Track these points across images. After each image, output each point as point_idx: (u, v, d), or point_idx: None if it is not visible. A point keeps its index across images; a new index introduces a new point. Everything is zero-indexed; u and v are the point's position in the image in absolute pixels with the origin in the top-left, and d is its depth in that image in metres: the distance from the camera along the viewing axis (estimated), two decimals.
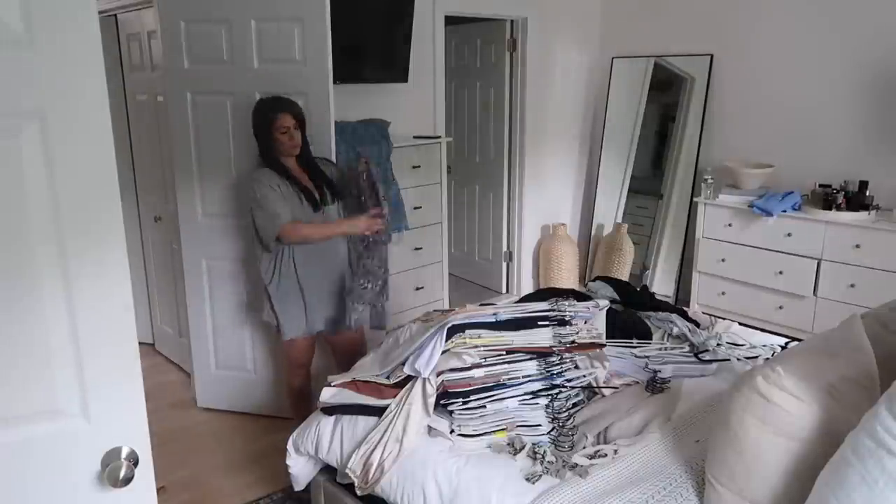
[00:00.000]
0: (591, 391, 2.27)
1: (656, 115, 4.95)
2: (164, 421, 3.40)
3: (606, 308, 2.55)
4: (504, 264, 5.21)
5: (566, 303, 2.30)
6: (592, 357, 2.30)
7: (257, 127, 2.70)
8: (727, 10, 4.46)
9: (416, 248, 3.99)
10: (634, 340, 2.59)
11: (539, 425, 2.06)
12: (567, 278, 4.91)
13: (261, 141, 2.71)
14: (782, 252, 3.99)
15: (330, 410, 2.24)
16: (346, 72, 3.57)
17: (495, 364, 2.10)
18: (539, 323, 2.18)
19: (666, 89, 4.85)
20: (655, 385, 2.30)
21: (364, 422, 2.15)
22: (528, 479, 1.84)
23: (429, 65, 4.22)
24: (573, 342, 2.19)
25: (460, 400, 2.05)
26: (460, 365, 2.06)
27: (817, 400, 1.52)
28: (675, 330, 2.71)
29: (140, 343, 1.17)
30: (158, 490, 1.27)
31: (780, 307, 4.07)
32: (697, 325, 2.84)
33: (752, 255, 4.13)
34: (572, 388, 2.19)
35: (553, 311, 2.25)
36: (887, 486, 1.28)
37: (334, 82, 2.96)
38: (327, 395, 2.25)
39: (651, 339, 2.67)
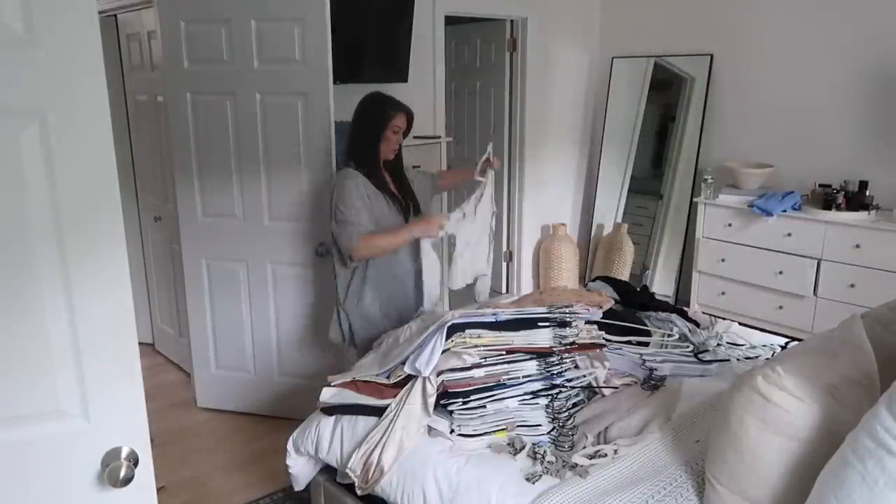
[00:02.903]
0: (591, 391, 2.27)
1: (656, 115, 4.95)
2: (164, 421, 3.40)
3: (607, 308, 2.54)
4: (504, 264, 5.21)
5: (566, 307, 2.30)
6: (592, 357, 2.30)
7: (369, 122, 2.57)
8: (727, 10, 4.46)
9: None
10: (634, 339, 2.58)
11: (539, 425, 2.06)
12: (567, 278, 4.91)
13: (362, 138, 2.57)
14: (782, 252, 3.99)
15: (330, 410, 2.24)
16: (346, 72, 3.57)
17: (495, 364, 2.10)
18: (539, 323, 2.18)
19: (666, 89, 4.85)
20: (652, 382, 2.30)
21: (364, 422, 2.15)
22: (528, 479, 1.84)
23: (429, 65, 4.22)
24: (573, 343, 2.19)
25: (460, 400, 2.05)
26: (460, 365, 2.06)
27: (817, 400, 1.52)
28: (675, 330, 2.71)
29: (140, 343, 1.17)
30: (158, 490, 1.27)
31: (780, 307, 4.07)
32: (697, 325, 2.84)
33: (752, 255, 4.13)
34: (572, 388, 2.19)
35: (553, 312, 2.25)
36: (887, 486, 1.28)
37: (334, 82, 2.96)
38: (327, 395, 2.25)
39: (650, 338, 2.67)
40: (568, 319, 2.21)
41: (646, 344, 2.57)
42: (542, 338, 2.16)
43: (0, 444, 1.05)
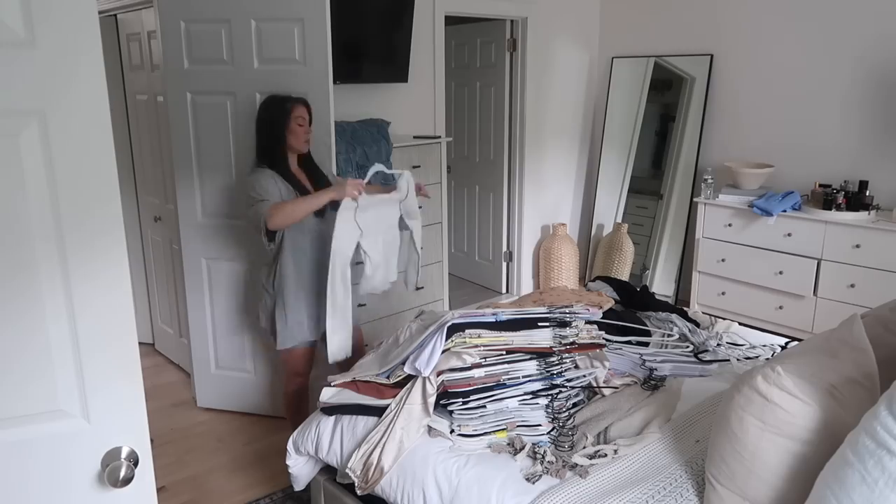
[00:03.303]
0: (591, 391, 2.27)
1: (656, 115, 4.95)
2: (164, 421, 3.40)
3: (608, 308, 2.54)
4: (504, 264, 5.22)
5: (566, 307, 2.30)
6: (592, 357, 2.31)
7: (270, 119, 2.62)
8: (727, 10, 4.46)
9: None
10: (634, 339, 2.59)
11: (539, 425, 2.06)
12: (567, 278, 4.91)
13: (268, 136, 2.63)
14: (782, 252, 4.00)
15: (330, 410, 2.24)
16: (346, 72, 3.58)
17: (495, 364, 2.10)
18: (539, 323, 2.18)
19: (666, 89, 4.85)
20: (652, 382, 2.30)
21: (364, 422, 2.15)
22: (528, 479, 1.84)
23: (429, 65, 4.22)
24: (573, 343, 2.19)
25: (460, 400, 2.05)
26: (460, 365, 2.07)
27: (817, 400, 1.52)
28: (675, 330, 2.71)
29: (140, 343, 1.17)
30: (158, 490, 1.27)
31: (780, 307, 4.07)
32: (697, 325, 2.84)
33: (752, 255, 4.13)
34: (572, 388, 2.19)
35: (553, 312, 2.25)
36: (887, 486, 1.28)
37: (334, 82, 2.96)
38: (327, 395, 2.25)
39: (650, 338, 2.67)
40: (568, 319, 2.22)
41: (646, 344, 2.57)
42: (542, 338, 2.16)
43: (0, 444, 1.05)
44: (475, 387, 2.07)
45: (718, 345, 2.63)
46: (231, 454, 3.14)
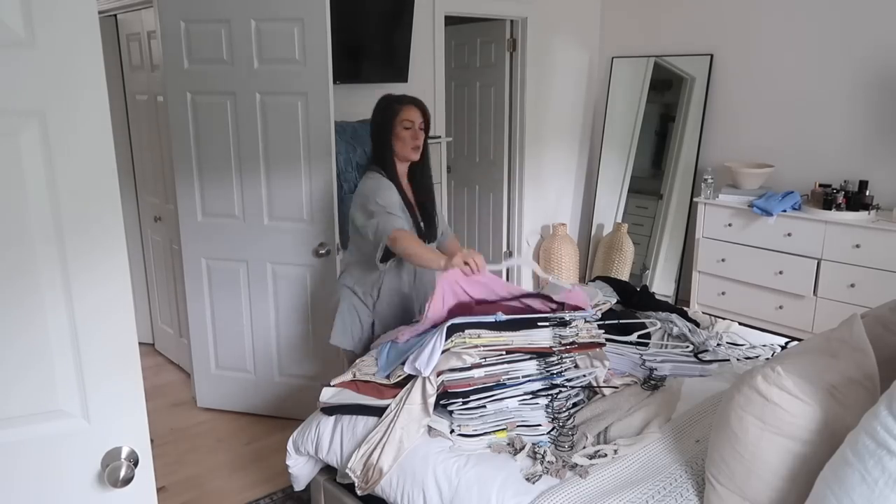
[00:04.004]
0: (591, 391, 2.27)
1: (656, 115, 4.95)
2: (164, 421, 3.40)
3: (607, 307, 2.54)
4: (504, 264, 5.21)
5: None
6: (592, 356, 2.30)
7: (379, 121, 2.47)
8: (727, 9, 4.46)
9: None
10: (633, 339, 2.58)
11: (539, 425, 2.06)
12: (567, 278, 4.91)
13: (377, 140, 2.48)
14: (782, 252, 3.99)
15: (330, 410, 2.24)
16: (346, 72, 3.57)
17: (495, 364, 2.10)
18: (539, 323, 2.18)
19: (666, 89, 4.85)
20: (652, 382, 2.30)
21: (364, 422, 2.15)
22: (528, 479, 1.84)
23: (429, 65, 4.22)
24: (573, 342, 2.19)
25: (460, 400, 2.05)
26: (460, 365, 2.06)
27: (817, 400, 1.52)
28: (675, 330, 2.71)
29: (140, 343, 1.17)
30: (158, 490, 1.27)
31: (780, 307, 4.07)
32: (697, 324, 2.84)
33: (752, 254, 4.13)
34: (572, 387, 2.19)
35: (552, 313, 2.25)
36: (887, 486, 1.28)
37: (334, 82, 2.96)
38: (327, 395, 2.25)
39: (650, 338, 2.67)
40: (568, 319, 2.21)
41: (646, 344, 2.57)
42: (541, 338, 2.16)
43: (0, 444, 1.05)
44: (475, 387, 2.07)
45: (718, 345, 2.63)
46: (231, 454, 3.14)
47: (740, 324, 3.03)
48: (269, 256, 3.20)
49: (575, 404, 2.17)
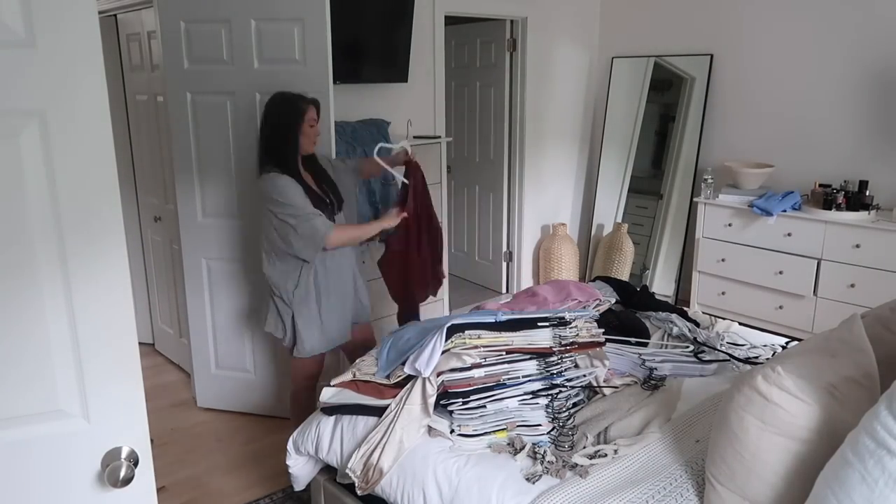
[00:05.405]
0: (591, 391, 2.27)
1: (656, 115, 4.95)
2: (164, 421, 3.40)
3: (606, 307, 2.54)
4: (504, 264, 5.22)
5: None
6: (592, 356, 2.31)
7: (280, 120, 2.51)
8: (727, 9, 4.46)
9: None
10: (633, 339, 2.59)
11: (539, 425, 2.06)
12: (567, 278, 4.91)
13: (278, 137, 2.51)
14: (782, 252, 3.99)
15: (330, 410, 2.24)
16: (346, 72, 3.57)
17: (495, 364, 2.10)
18: (539, 323, 2.18)
19: (666, 89, 4.85)
20: (652, 382, 2.30)
21: (364, 422, 2.15)
22: (528, 479, 1.84)
23: (429, 65, 4.22)
24: (573, 342, 2.19)
25: (460, 400, 2.05)
26: (460, 365, 2.07)
27: (817, 400, 1.52)
28: (675, 330, 2.71)
29: (140, 343, 1.17)
30: (158, 490, 1.27)
31: (780, 307, 4.07)
32: (697, 324, 2.84)
33: (752, 254, 4.13)
34: (572, 387, 2.19)
35: (552, 313, 2.25)
36: (887, 486, 1.28)
37: (334, 82, 2.96)
38: (327, 395, 2.25)
39: (650, 338, 2.67)
40: (568, 319, 2.22)
41: (646, 344, 2.57)
42: (541, 338, 2.16)
43: (0, 444, 1.05)
44: (475, 387, 2.07)
45: (719, 344, 2.63)
46: (231, 454, 3.14)
47: (740, 324, 3.03)
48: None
49: (575, 404, 2.17)
